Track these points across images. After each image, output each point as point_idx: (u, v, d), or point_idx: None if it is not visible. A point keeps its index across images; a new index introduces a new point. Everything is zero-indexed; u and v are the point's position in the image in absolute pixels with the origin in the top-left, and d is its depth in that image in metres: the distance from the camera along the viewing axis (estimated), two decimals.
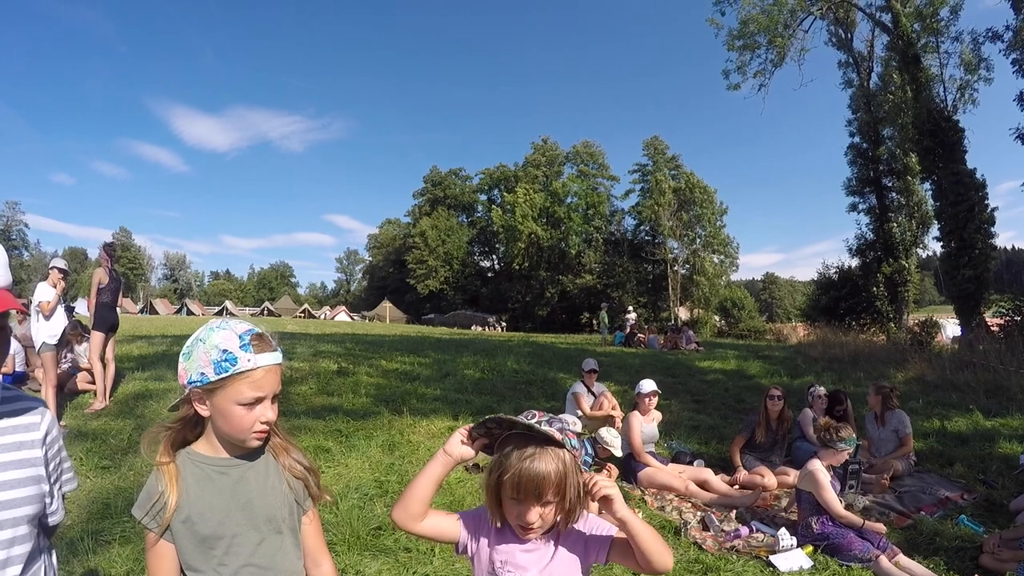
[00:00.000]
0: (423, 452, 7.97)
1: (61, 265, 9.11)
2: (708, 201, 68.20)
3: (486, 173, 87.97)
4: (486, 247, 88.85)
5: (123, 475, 6.74)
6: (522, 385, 12.38)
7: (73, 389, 9.98)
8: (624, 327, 29.46)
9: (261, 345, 1.90)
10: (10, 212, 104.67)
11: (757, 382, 14.41)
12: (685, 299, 67.58)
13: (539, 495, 2.02)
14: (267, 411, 1.89)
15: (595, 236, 74.30)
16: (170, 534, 1.90)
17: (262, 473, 1.98)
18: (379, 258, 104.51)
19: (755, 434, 8.37)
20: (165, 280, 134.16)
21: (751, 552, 5.82)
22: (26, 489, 1.72)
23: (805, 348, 22.77)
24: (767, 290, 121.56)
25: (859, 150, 38.64)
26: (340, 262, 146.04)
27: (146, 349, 13.85)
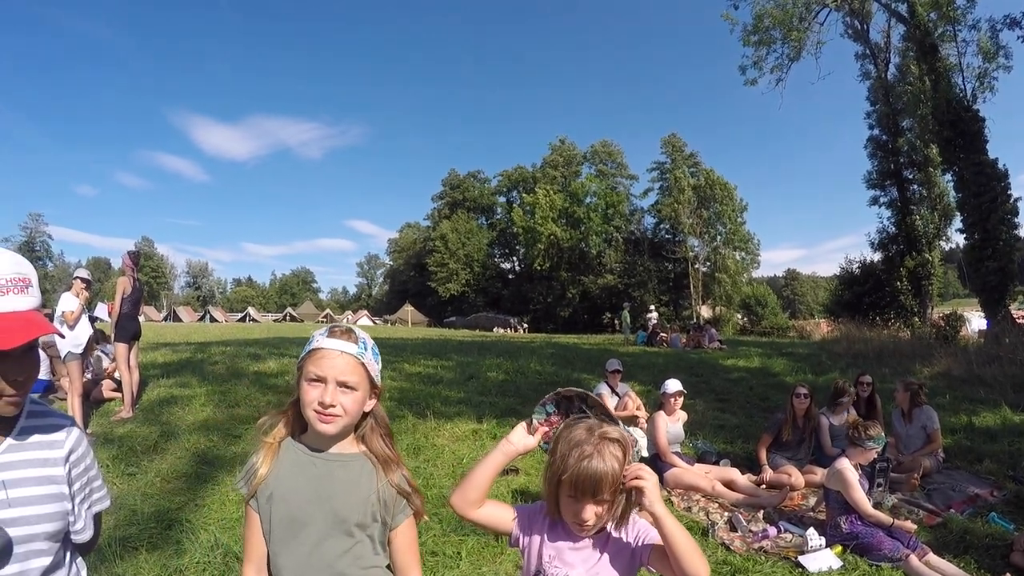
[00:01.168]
0: (448, 455, 8.03)
1: (84, 275, 9.24)
2: (728, 198, 67.90)
3: (504, 175, 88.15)
4: (506, 249, 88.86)
5: (149, 481, 6.82)
6: (546, 387, 12.21)
7: (98, 397, 10.11)
8: (646, 326, 29.42)
9: (336, 333, 2.09)
10: (34, 224, 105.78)
11: (782, 380, 14.36)
12: (707, 297, 67.34)
13: (595, 493, 2.09)
14: (326, 394, 1.98)
15: (615, 236, 74.15)
16: (256, 504, 2.09)
17: (353, 474, 2.08)
18: (400, 262, 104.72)
19: (781, 433, 8.31)
20: (188, 288, 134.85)
21: (779, 553, 5.81)
22: (46, 506, 1.74)
23: (829, 344, 22.67)
24: (789, 286, 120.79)
25: (879, 143, 38.12)
26: (361, 267, 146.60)
27: (170, 356, 13.94)
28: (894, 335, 24.60)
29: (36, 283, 1.74)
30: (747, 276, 70.39)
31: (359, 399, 2.06)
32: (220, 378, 11.25)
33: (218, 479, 6.87)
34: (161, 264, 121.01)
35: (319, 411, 1.99)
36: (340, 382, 2.00)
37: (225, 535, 5.50)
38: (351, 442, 2.15)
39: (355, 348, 2.06)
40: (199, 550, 5.25)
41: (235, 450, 7.81)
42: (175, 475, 7.06)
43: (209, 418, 9.00)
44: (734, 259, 68.62)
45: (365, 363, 2.07)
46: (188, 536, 5.51)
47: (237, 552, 5.16)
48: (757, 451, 8.30)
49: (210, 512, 6.09)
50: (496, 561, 5.34)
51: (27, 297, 1.68)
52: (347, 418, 2.03)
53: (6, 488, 1.67)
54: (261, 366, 12.53)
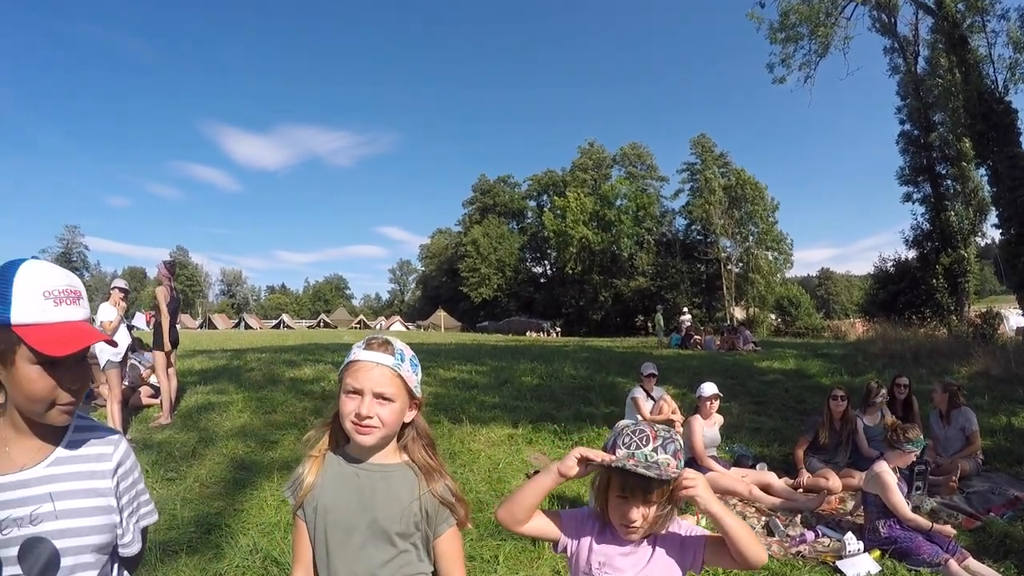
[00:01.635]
0: (483, 460, 8.03)
1: (122, 285, 9.39)
2: (759, 197, 67.41)
3: (534, 179, 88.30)
4: (538, 253, 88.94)
5: (188, 486, 6.91)
6: (580, 391, 12.35)
7: (137, 404, 10.24)
8: (680, 329, 29.29)
9: (373, 345, 2.11)
10: (70, 235, 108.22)
11: (817, 382, 14.20)
12: (740, 298, 66.87)
13: (645, 493, 2.13)
14: (363, 406, 2.01)
15: (646, 238, 73.84)
16: (303, 513, 2.14)
17: (395, 484, 2.11)
18: (432, 268, 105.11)
19: (818, 436, 8.22)
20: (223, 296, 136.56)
21: (817, 557, 5.75)
22: (94, 519, 1.76)
23: (865, 345, 22.30)
24: (823, 286, 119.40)
25: (910, 138, 37.44)
26: (393, 273, 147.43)
27: (207, 363, 14.09)
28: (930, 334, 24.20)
29: (85, 296, 1.78)
30: (780, 276, 69.78)
31: (397, 411, 2.08)
32: (256, 384, 11.35)
33: (256, 484, 6.92)
34: (196, 273, 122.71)
35: (356, 423, 2.03)
36: (377, 394, 2.03)
37: (264, 540, 5.55)
38: (393, 452, 2.18)
39: (391, 360, 2.08)
40: (238, 554, 5.30)
41: (273, 456, 7.87)
42: (214, 480, 7.14)
43: (246, 424, 9.09)
44: (767, 259, 68.08)
45: (402, 375, 2.09)
46: (227, 540, 5.57)
47: (276, 556, 5.22)
48: (794, 454, 8.22)
49: (249, 517, 6.15)
50: (533, 566, 5.34)
51: (79, 308, 1.72)
52: (384, 430, 2.06)
53: (53, 500, 1.69)
54: (297, 372, 12.62)
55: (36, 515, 1.66)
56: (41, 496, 1.68)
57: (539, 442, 8.97)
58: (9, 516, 1.63)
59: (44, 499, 1.68)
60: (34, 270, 1.65)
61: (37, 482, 1.69)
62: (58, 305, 1.66)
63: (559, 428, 9.49)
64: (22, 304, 1.61)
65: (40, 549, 1.65)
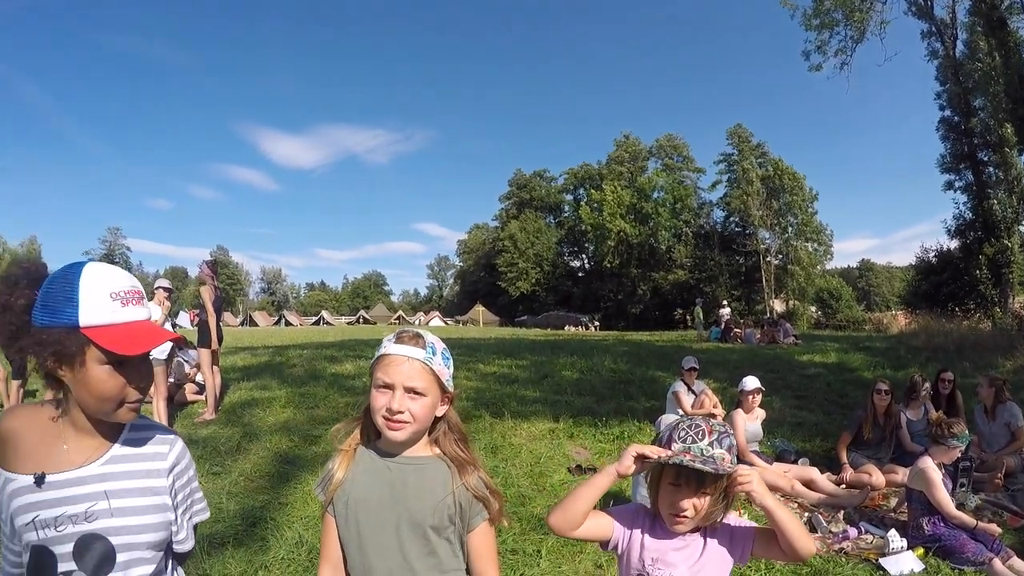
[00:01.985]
0: (525, 455, 8.06)
1: (166, 285, 9.55)
2: (798, 188, 66.77)
3: (570, 173, 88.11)
4: (575, 247, 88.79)
5: (234, 480, 7.01)
6: (621, 385, 12.32)
7: (182, 400, 10.40)
8: (719, 322, 29.10)
9: (404, 338, 2.08)
10: (113, 237, 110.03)
11: (859, 375, 14.04)
12: (779, 291, 66.34)
13: (699, 486, 2.15)
14: (393, 401, 1.99)
15: (684, 230, 73.47)
16: (333, 509, 2.14)
17: (427, 478, 2.09)
18: (469, 263, 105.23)
19: (862, 430, 8.10)
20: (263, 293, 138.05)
21: (860, 554, 5.71)
22: (149, 517, 1.79)
23: (907, 338, 21.99)
24: (863, 278, 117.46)
25: (950, 124, 36.56)
26: (431, 268, 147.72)
27: (249, 360, 14.24)
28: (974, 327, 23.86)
29: (146, 296, 1.82)
30: (820, 268, 69.16)
31: (428, 405, 2.05)
32: (299, 380, 11.47)
33: (300, 478, 7.02)
34: (236, 271, 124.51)
35: (387, 417, 2.01)
36: (408, 388, 2.01)
37: (309, 532, 5.64)
38: (425, 446, 2.15)
39: (422, 353, 2.05)
40: (284, 546, 5.40)
41: (316, 450, 7.95)
42: (258, 474, 7.24)
43: (289, 419, 9.19)
44: (806, 251, 67.47)
45: (434, 368, 2.05)
46: (273, 533, 5.67)
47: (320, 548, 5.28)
48: (837, 450, 8.12)
49: (293, 510, 6.25)
50: (576, 560, 5.37)
51: (143, 308, 1.76)
52: (416, 424, 2.03)
53: (109, 498, 1.73)
54: (338, 368, 12.74)
55: (91, 512, 1.70)
56: (97, 494, 1.72)
57: (580, 436, 8.97)
58: (64, 513, 1.67)
59: (100, 497, 1.72)
60: (98, 272, 1.69)
61: (93, 480, 1.73)
62: (125, 306, 1.70)
63: (600, 422, 9.47)
64: (90, 306, 1.64)
65: (96, 546, 1.69)
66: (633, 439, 8.68)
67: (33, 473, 1.69)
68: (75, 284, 1.65)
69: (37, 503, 1.67)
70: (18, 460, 1.71)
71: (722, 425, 2.24)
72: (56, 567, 1.67)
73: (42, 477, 1.69)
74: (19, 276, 1.75)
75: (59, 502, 1.68)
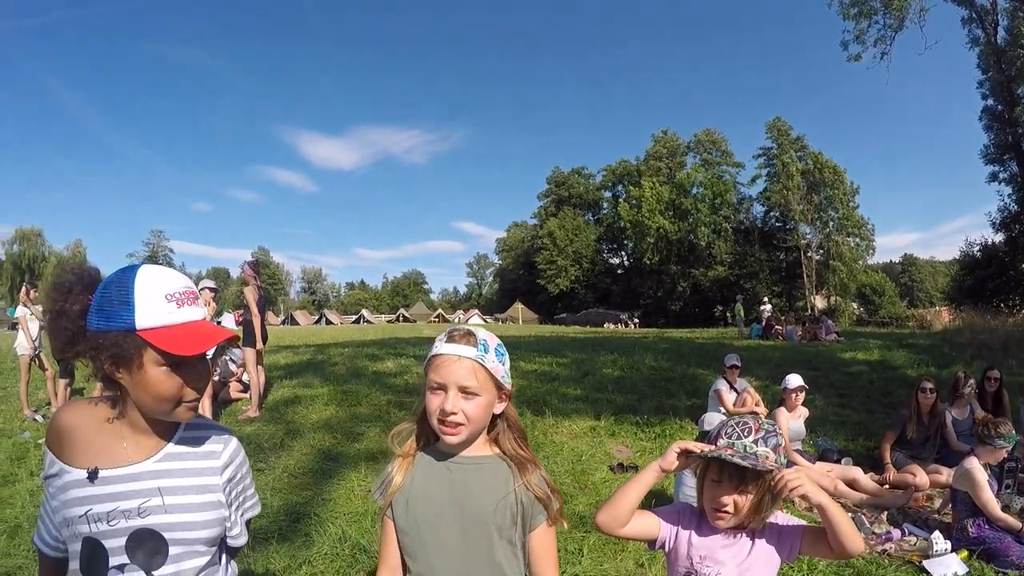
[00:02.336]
0: (567, 452, 8.08)
1: (211, 285, 9.72)
2: (838, 181, 66.07)
3: (608, 169, 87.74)
4: (614, 244, 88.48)
5: (277, 476, 7.12)
6: (662, 383, 12.28)
7: (226, 398, 10.57)
8: (760, 319, 28.86)
9: (455, 337, 2.01)
10: (156, 239, 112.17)
11: (903, 373, 13.82)
12: (821, 287, 65.72)
13: (740, 482, 2.18)
14: (447, 402, 1.93)
15: (724, 226, 72.95)
16: (392, 513, 2.09)
17: (487, 477, 2.04)
18: (508, 261, 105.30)
19: (906, 430, 7.98)
20: (304, 293, 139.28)
21: (903, 556, 5.61)
22: (203, 513, 1.82)
23: (951, 335, 21.57)
24: (906, 272, 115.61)
25: (993, 113, 35.85)
26: (470, 267, 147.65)
27: (292, 358, 14.40)
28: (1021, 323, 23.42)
29: (200, 296, 1.83)
30: (862, 263, 68.39)
31: (483, 404, 1.98)
32: (341, 378, 11.57)
33: (343, 475, 7.10)
34: (277, 271, 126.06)
35: (441, 420, 1.95)
36: (461, 387, 1.94)
37: (352, 528, 5.70)
38: (484, 444, 2.09)
39: (473, 351, 1.97)
40: (327, 542, 5.46)
41: (359, 447, 8.04)
42: (301, 471, 7.33)
43: (332, 417, 9.29)
44: (848, 246, 66.76)
45: (487, 366, 1.98)
46: (316, 528, 5.74)
47: (364, 545, 5.35)
48: (881, 449, 8.00)
49: (336, 506, 6.32)
50: (617, 558, 5.37)
51: (198, 308, 1.78)
52: (471, 425, 1.97)
53: (163, 495, 1.76)
54: (380, 366, 12.83)
55: (144, 508, 1.73)
56: (150, 490, 1.75)
57: (622, 434, 8.97)
58: (117, 508, 1.71)
59: (153, 493, 1.75)
60: (153, 274, 1.72)
61: (147, 476, 1.76)
62: (181, 307, 1.72)
63: (641, 420, 9.45)
64: (146, 308, 1.67)
65: (149, 541, 1.73)
66: (675, 437, 8.66)
67: (87, 467, 1.72)
68: (130, 287, 1.68)
69: (90, 497, 1.71)
70: (75, 454, 1.74)
71: (772, 424, 2.25)
72: (108, 561, 1.71)
73: (95, 472, 1.72)
74: (73, 282, 1.77)
75: (112, 497, 1.72)
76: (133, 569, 1.72)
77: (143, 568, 1.73)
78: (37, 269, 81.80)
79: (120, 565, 1.71)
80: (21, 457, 8.05)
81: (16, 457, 8.05)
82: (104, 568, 1.71)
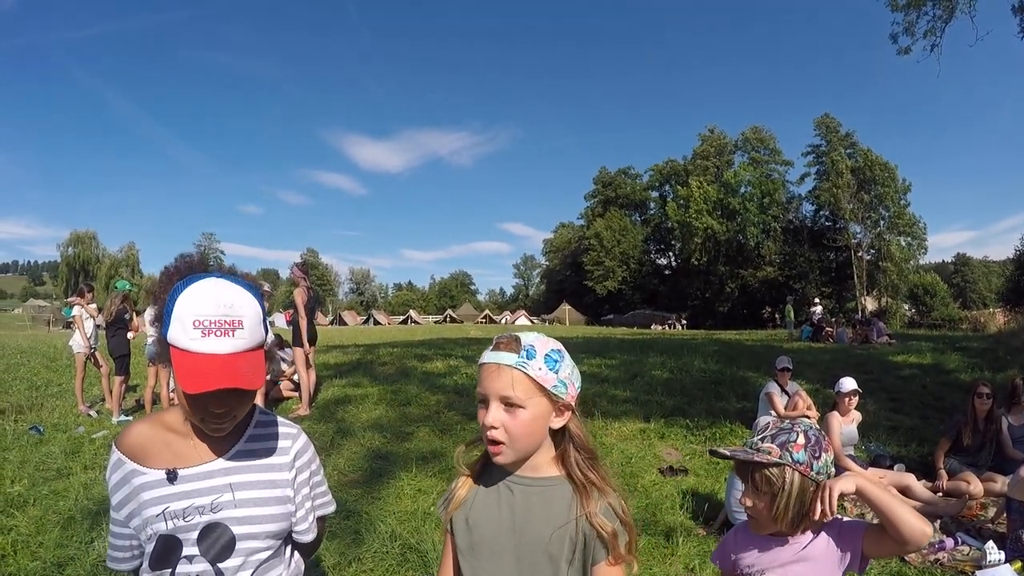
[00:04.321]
0: (616, 454, 8.08)
1: (266, 287, 9.83)
2: (889, 179, 64.94)
3: (655, 169, 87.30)
4: (662, 244, 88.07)
5: (327, 474, 7.05)
6: (711, 385, 12.17)
7: (277, 396, 10.77)
8: (811, 321, 28.47)
9: (499, 344, 1.83)
10: (207, 242, 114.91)
11: (957, 377, 13.51)
12: (872, 287, 64.70)
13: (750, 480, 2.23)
14: (487, 415, 1.77)
15: (773, 225, 72.09)
16: (451, 528, 1.98)
17: (548, 502, 1.84)
18: (555, 262, 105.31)
19: (961, 436, 7.78)
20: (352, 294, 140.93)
21: (956, 566, 5.50)
22: (270, 508, 1.87)
23: (1006, 337, 20.99)
24: (959, 273, 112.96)
25: None
26: (517, 268, 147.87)
27: (341, 358, 14.61)
28: None
29: (248, 324, 1.76)
30: (913, 263, 67.12)
31: (528, 419, 1.77)
32: (390, 378, 11.69)
33: (393, 474, 7.16)
34: (326, 273, 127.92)
35: (485, 434, 1.79)
36: (502, 399, 1.76)
37: (402, 527, 5.77)
38: (550, 464, 1.89)
39: (514, 358, 1.77)
40: (377, 540, 5.52)
41: (408, 447, 8.12)
42: (351, 469, 7.44)
43: (381, 416, 9.40)
44: (899, 245, 65.54)
45: (530, 374, 1.76)
46: (366, 527, 5.79)
47: (414, 544, 5.40)
48: (935, 456, 7.81)
49: (386, 505, 6.38)
50: (667, 562, 5.36)
51: (230, 340, 1.70)
52: (516, 442, 1.78)
53: (233, 491, 1.82)
54: (428, 366, 12.94)
55: (217, 504, 1.79)
56: (222, 487, 1.81)
57: (671, 437, 8.94)
58: (192, 504, 1.77)
59: (225, 489, 1.81)
60: (194, 294, 1.70)
61: (219, 473, 1.83)
62: (206, 336, 1.66)
63: (691, 423, 9.42)
64: (176, 326, 1.67)
65: (218, 533, 1.79)
66: (725, 440, 8.61)
67: (166, 469, 1.78)
68: (174, 299, 1.70)
69: (168, 496, 1.77)
70: (150, 458, 1.81)
71: (795, 423, 2.26)
72: (180, 551, 1.77)
73: (175, 473, 1.78)
74: (176, 270, 1.81)
75: (188, 495, 1.77)
76: (200, 561, 1.78)
77: (211, 561, 1.78)
78: (92, 271, 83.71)
79: (190, 556, 1.77)
80: (76, 451, 8.25)
81: (71, 451, 8.25)
82: (176, 560, 1.77)
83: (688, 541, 5.65)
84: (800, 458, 2.18)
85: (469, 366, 12.97)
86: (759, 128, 77.59)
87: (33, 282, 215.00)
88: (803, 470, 2.16)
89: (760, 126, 77.85)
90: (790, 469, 2.16)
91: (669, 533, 5.81)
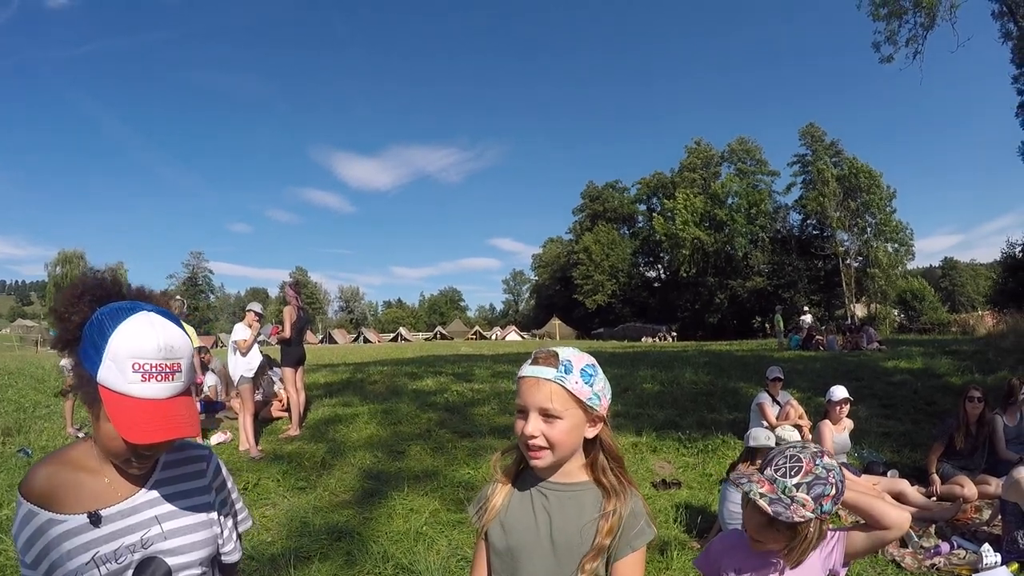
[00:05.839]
0: None
1: (257, 309, 9.89)
2: (875, 186, 65.57)
3: (643, 182, 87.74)
4: (650, 257, 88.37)
5: (319, 495, 7.16)
6: (703, 397, 12.18)
7: (267, 416, 10.67)
8: (800, 329, 28.54)
9: (538, 359, 1.93)
10: (195, 261, 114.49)
11: (947, 381, 13.55)
12: (860, 294, 65.03)
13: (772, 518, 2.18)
14: (527, 425, 1.87)
15: (760, 235, 72.52)
16: (486, 535, 2.05)
17: (579, 505, 1.96)
18: (545, 277, 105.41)
19: (953, 440, 7.79)
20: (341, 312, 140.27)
21: (952, 570, 5.51)
22: (198, 534, 1.83)
23: (995, 340, 21.12)
24: (947, 277, 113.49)
25: None
26: (507, 283, 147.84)
27: (331, 377, 14.53)
28: None
29: (187, 366, 1.70)
30: (901, 269, 67.60)
31: (566, 428, 1.87)
32: (381, 397, 11.65)
33: (385, 494, 7.10)
34: (315, 291, 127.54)
35: (525, 444, 1.90)
36: (541, 410, 1.86)
37: (394, 547, 5.72)
38: (581, 470, 2.00)
39: (553, 372, 1.88)
40: (369, 561, 5.48)
41: (400, 466, 8.07)
42: (343, 489, 7.38)
43: (373, 435, 9.35)
44: (886, 251, 65.99)
45: (568, 387, 1.87)
46: (358, 548, 5.74)
47: (406, 564, 5.36)
48: (928, 460, 7.81)
49: (378, 525, 6.32)
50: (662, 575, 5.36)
51: (171, 384, 1.65)
52: (557, 450, 1.89)
53: (160, 522, 1.76)
54: (419, 384, 12.89)
55: (147, 539, 1.73)
56: (149, 520, 1.75)
57: (663, 450, 8.92)
58: (123, 544, 1.69)
59: (152, 523, 1.75)
60: (133, 332, 1.60)
61: (143, 507, 1.76)
62: (146, 381, 1.60)
63: (683, 436, 9.39)
64: (109, 367, 1.58)
65: (154, 567, 1.73)
66: (718, 452, 8.60)
67: (87, 512, 1.68)
68: (107, 335, 1.59)
69: (94, 540, 1.68)
70: (65, 504, 1.69)
71: (829, 467, 2.22)
72: None
73: (98, 516, 1.69)
74: (84, 290, 1.71)
75: (115, 535, 1.70)
76: None
77: None
78: None
79: None
80: None
81: None
82: None
83: (683, 554, 5.63)
84: (828, 508, 2.18)
85: (460, 384, 12.96)
86: (745, 139, 78.07)
87: (21, 302, 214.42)
88: (824, 517, 2.18)
89: (746, 137, 78.42)
90: (817, 520, 2.17)
91: (663, 547, 5.78)
